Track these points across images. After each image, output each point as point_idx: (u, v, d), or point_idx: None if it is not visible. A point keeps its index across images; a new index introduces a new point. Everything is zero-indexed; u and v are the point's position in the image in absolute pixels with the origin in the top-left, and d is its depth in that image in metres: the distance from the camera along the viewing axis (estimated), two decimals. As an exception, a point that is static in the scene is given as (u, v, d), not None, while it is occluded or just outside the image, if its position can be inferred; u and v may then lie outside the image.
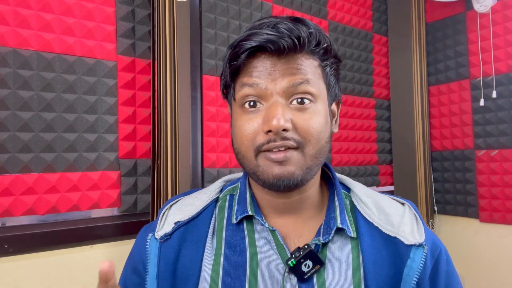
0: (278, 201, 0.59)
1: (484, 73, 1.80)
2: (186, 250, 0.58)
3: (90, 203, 1.11)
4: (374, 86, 1.99)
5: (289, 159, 0.52)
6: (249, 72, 0.54)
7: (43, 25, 1.05)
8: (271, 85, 0.53)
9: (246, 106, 0.54)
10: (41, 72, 1.05)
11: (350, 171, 1.83)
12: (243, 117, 0.55)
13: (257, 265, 0.56)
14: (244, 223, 0.60)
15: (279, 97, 0.53)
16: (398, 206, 0.61)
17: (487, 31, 1.79)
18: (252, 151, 0.54)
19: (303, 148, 0.53)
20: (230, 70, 0.56)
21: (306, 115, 0.53)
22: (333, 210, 0.59)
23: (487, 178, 1.79)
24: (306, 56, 0.55)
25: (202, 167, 1.32)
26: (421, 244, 0.55)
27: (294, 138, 0.52)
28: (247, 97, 0.54)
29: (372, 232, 0.57)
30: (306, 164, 0.53)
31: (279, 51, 0.53)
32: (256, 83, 0.53)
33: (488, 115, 1.79)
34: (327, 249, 0.57)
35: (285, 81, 0.53)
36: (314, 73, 0.55)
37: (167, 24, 1.19)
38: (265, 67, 0.53)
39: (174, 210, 0.63)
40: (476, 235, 1.84)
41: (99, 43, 1.14)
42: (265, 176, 0.53)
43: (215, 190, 0.66)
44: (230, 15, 1.42)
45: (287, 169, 0.52)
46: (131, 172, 1.20)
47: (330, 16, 1.78)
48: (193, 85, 1.29)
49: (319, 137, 0.54)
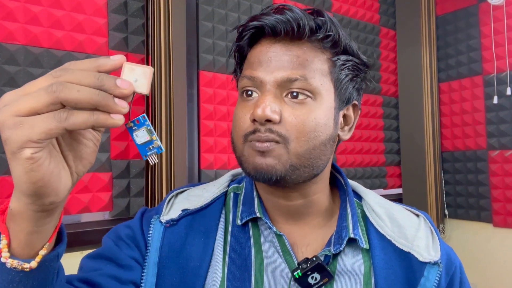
0: (281, 203, 0.59)
1: (497, 69, 1.80)
2: (194, 239, 0.58)
3: (80, 206, 1.11)
4: (381, 82, 1.99)
5: (270, 151, 0.52)
6: (250, 63, 0.56)
7: (30, 18, 1.05)
8: (267, 76, 0.53)
9: (244, 95, 0.56)
10: (28, 67, 1.05)
11: (356, 172, 1.83)
12: (240, 105, 0.57)
13: (262, 271, 0.56)
14: (250, 225, 0.60)
15: (272, 88, 0.53)
16: (412, 217, 0.61)
17: (501, 24, 1.79)
18: (240, 138, 0.55)
19: (287, 143, 0.52)
20: (236, 55, 0.60)
21: (299, 111, 0.53)
22: (345, 219, 0.58)
23: (501, 180, 1.79)
24: (313, 47, 0.55)
25: (199, 169, 1.32)
26: (436, 262, 0.55)
27: (278, 131, 0.52)
28: (245, 87, 0.56)
29: (385, 245, 0.57)
30: (290, 161, 0.52)
31: (278, 36, 0.54)
32: (253, 75, 0.54)
33: (502, 113, 1.79)
34: (338, 260, 0.56)
35: (280, 74, 0.53)
36: (318, 68, 0.54)
37: (161, 17, 1.19)
38: (264, 57, 0.54)
39: (181, 199, 0.63)
40: (489, 241, 1.84)
41: (89, 37, 1.14)
42: (247, 165, 0.54)
43: (224, 183, 0.66)
44: (229, 7, 1.42)
45: (266, 161, 0.52)
46: (123, 173, 1.20)
47: (335, 9, 1.78)
48: (190, 82, 1.29)
49: (310, 135, 0.53)
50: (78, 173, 0.39)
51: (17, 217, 0.36)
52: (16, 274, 0.37)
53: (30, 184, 0.34)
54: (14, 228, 0.37)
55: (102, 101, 0.34)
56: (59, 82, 0.33)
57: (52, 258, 0.40)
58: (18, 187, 0.35)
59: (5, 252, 0.37)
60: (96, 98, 0.33)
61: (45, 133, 0.32)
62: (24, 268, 0.37)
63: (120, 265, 0.55)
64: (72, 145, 0.38)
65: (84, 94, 0.33)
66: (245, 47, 0.59)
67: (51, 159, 0.35)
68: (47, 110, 0.32)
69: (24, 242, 0.37)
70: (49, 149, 0.35)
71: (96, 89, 0.34)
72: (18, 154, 0.32)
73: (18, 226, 0.37)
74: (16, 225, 0.37)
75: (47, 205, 0.36)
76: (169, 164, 1.18)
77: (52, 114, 0.32)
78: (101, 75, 0.34)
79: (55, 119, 0.32)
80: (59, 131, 0.33)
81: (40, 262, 0.38)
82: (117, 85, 0.34)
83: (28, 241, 0.37)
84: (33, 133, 0.32)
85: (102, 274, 0.53)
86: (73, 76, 0.33)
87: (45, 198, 0.35)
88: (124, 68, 0.37)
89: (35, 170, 0.33)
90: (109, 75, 0.35)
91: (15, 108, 0.32)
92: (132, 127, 0.40)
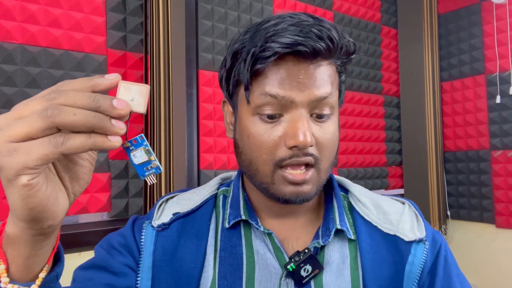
0: (276, 206, 0.60)
1: (500, 68, 1.80)
2: (186, 242, 0.58)
3: (78, 207, 1.11)
4: (383, 82, 1.99)
5: (308, 180, 0.53)
6: (273, 80, 0.51)
7: (28, 16, 1.05)
8: (297, 97, 0.51)
9: (265, 117, 0.52)
10: (25, 67, 1.04)
11: (357, 173, 1.83)
12: (260, 127, 0.53)
13: (254, 268, 0.57)
14: (241, 224, 0.61)
15: (303, 110, 0.51)
16: (397, 204, 0.63)
17: (504, 23, 1.79)
18: (270, 165, 0.53)
19: (319, 163, 0.53)
20: (250, 74, 0.52)
21: (323, 129, 0.53)
22: (332, 211, 0.60)
23: (504, 180, 1.79)
24: (330, 63, 0.53)
25: (198, 169, 1.32)
26: (422, 239, 0.57)
27: (313, 154, 0.52)
28: (267, 108, 0.52)
29: (371, 231, 0.59)
30: (320, 180, 0.55)
31: (310, 56, 0.50)
32: (280, 95, 0.51)
33: (505, 113, 1.79)
34: (325, 251, 0.58)
35: (312, 94, 0.51)
36: (334, 83, 0.54)
37: (160, 16, 1.19)
38: (291, 75, 0.51)
39: (171, 203, 0.64)
40: (492, 242, 1.84)
41: (87, 36, 1.14)
42: (280, 194, 0.53)
43: (213, 186, 0.67)
44: (229, 5, 1.42)
45: (303, 189, 0.53)
46: (122, 174, 1.20)
47: (336, 7, 1.78)
48: (189, 81, 1.29)
49: (333, 150, 0.55)
50: (75, 193, 0.38)
51: (14, 241, 0.36)
52: None
53: (27, 211, 0.33)
54: (12, 253, 0.36)
55: (99, 123, 0.33)
56: (54, 105, 0.32)
57: (52, 279, 0.40)
58: (14, 213, 0.34)
59: (4, 277, 0.36)
60: (93, 120, 0.33)
61: (41, 159, 0.31)
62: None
63: (114, 272, 0.55)
64: (68, 167, 0.38)
65: (80, 117, 0.32)
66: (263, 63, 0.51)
67: (48, 183, 0.34)
68: (43, 135, 0.32)
69: (22, 266, 0.37)
70: (46, 173, 0.34)
71: (92, 111, 0.33)
72: (14, 182, 0.32)
73: (16, 250, 0.36)
74: (14, 250, 0.36)
75: (45, 229, 0.36)
76: (168, 164, 1.18)
77: (48, 139, 0.32)
78: (96, 95, 0.33)
79: (51, 144, 0.32)
80: (55, 156, 0.32)
81: (41, 285, 0.38)
82: (113, 105, 0.34)
83: (27, 265, 0.37)
84: (29, 160, 0.31)
85: (97, 284, 0.53)
86: (68, 98, 0.32)
87: (43, 223, 0.35)
88: (120, 87, 0.36)
89: (32, 196, 0.33)
90: (105, 95, 0.34)
91: (9, 134, 0.31)
92: (130, 147, 0.39)
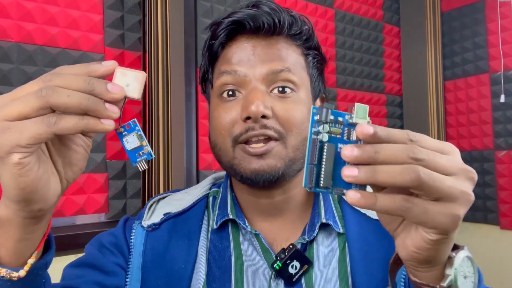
0: (262, 202, 0.60)
1: (505, 67, 1.80)
2: (177, 242, 0.59)
3: (74, 208, 1.10)
4: (385, 81, 1.99)
5: (270, 151, 0.53)
6: (227, 58, 0.56)
7: (24, 14, 1.05)
8: (250, 71, 0.54)
9: (225, 95, 0.56)
10: (21, 65, 1.04)
11: (358, 173, 1.83)
12: (220, 107, 0.56)
13: (242, 271, 0.57)
14: (229, 226, 0.61)
15: (258, 84, 0.54)
16: None
17: (508, 20, 1.78)
18: (229, 142, 0.55)
19: (285, 138, 0.53)
20: (208, 54, 0.59)
21: (287, 104, 0.54)
22: (318, 206, 0.60)
23: (508, 181, 1.78)
24: (288, 42, 0.57)
25: (197, 169, 1.31)
26: None
27: (274, 127, 0.53)
28: (226, 85, 0.56)
29: (359, 219, 0.59)
30: (288, 156, 0.54)
31: (258, 30, 0.55)
32: (234, 70, 0.54)
33: (509, 112, 1.79)
34: (314, 247, 0.58)
35: (265, 68, 0.54)
36: (296, 61, 0.57)
37: (159, 13, 1.19)
38: (244, 52, 0.55)
39: (163, 204, 0.64)
40: (496, 244, 1.84)
41: (85, 34, 1.14)
42: (242, 170, 0.54)
43: (206, 186, 0.67)
44: (228, 3, 1.42)
45: (267, 163, 0.53)
46: (119, 174, 1.20)
47: (337, 5, 1.78)
48: (188, 80, 1.29)
49: (301, 127, 0.54)
50: (67, 179, 0.39)
51: (5, 223, 0.36)
52: (4, 283, 0.37)
53: (18, 190, 0.33)
54: (2, 235, 0.37)
55: (92, 106, 0.34)
56: (49, 86, 0.33)
57: (41, 266, 0.40)
58: (6, 193, 0.35)
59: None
60: (86, 102, 0.33)
61: (33, 138, 0.32)
62: (12, 277, 0.36)
63: (104, 271, 0.56)
64: (62, 151, 0.38)
65: (74, 99, 0.33)
66: (218, 46, 0.58)
67: (40, 165, 0.34)
68: (36, 115, 0.33)
69: (12, 250, 0.37)
70: (38, 155, 0.35)
71: (87, 94, 0.34)
72: (6, 159, 0.32)
73: (6, 233, 0.37)
74: (4, 232, 0.37)
75: (35, 212, 0.36)
76: (166, 164, 1.18)
77: (41, 119, 0.33)
78: (91, 79, 0.34)
79: (44, 124, 0.32)
80: (48, 136, 0.33)
81: (29, 271, 0.38)
82: (108, 89, 0.34)
83: (16, 249, 0.37)
84: (21, 138, 0.32)
85: (86, 281, 0.53)
86: (64, 80, 0.33)
87: (33, 205, 0.35)
88: (116, 72, 0.37)
89: (23, 175, 0.33)
90: (100, 79, 0.35)
91: (3, 113, 0.32)
92: (122, 132, 0.40)
